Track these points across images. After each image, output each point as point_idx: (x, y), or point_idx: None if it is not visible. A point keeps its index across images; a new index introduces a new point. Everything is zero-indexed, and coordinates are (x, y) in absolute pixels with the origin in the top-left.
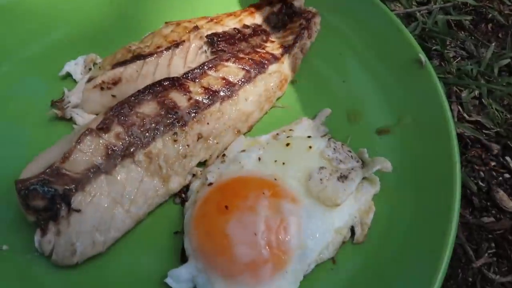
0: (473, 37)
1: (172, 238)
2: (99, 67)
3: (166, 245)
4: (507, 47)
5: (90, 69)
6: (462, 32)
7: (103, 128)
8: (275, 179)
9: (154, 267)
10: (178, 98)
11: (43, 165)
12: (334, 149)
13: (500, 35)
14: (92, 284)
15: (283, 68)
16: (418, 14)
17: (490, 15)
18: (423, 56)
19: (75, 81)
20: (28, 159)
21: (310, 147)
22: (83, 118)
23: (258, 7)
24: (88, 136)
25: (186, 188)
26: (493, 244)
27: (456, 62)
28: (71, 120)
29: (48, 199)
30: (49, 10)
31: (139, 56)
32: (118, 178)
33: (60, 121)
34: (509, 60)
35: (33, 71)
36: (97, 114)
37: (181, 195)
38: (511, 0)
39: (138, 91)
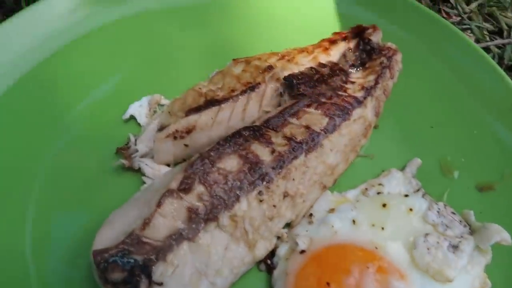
0: None
1: None
2: (168, 112)
3: None
4: None
5: (154, 111)
6: None
7: (185, 188)
8: (376, 248)
9: None
10: (261, 150)
11: (119, 230)
12: (438, 211)
13: None
14: None
15: (366, 112)
16: (491, 46)
17: None
18: None
19: (139, 125)
20: (96, 212)
21: (411, 209)
22: (152, 169)
23: (332, 42)
24: (169, 198)
25: (271, 253)
26: None
27: None
28: (138, 170)
29: (128, 271)
30: (109, 51)
31: (213, 102)
32: (202, 245)
33: (127, 171)
34: None
35: (96, 116)
36: (167, 165)
37: (267, 261)
38: None
39: (218, 143)
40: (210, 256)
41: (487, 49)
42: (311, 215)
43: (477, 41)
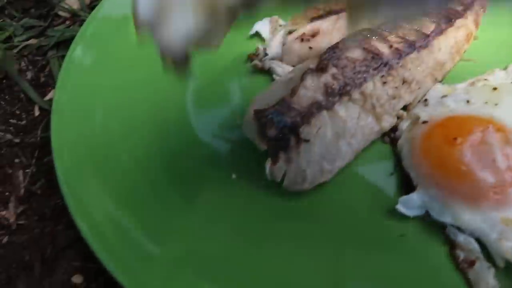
0: None
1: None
2: (293, 22)
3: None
4: None
5: (275, 28)
6: None
7: (322, 68)
8: (492, 117)
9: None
10: (380, 45)
11: (269, 101)
12: None
13: None
14: (315, 211)
15: (467, 23)
16: None
17: None
18: None
19: (262, 40)
20: (233, 106)
21: None
22: (282, 69)
23: None
24: (309, 74)
25: (393, 129)
26: None
27: None
28: (267, 72)
29: (280, 129)
30: None
31: (332, 12)
32: (339, 114)
33: (256, 74)
34: None
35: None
36: (293, 65)
37: (390, 134)
38: None
39: (343, 39)
40: (345, 122)
41: None
42: (426, 100)
43: None
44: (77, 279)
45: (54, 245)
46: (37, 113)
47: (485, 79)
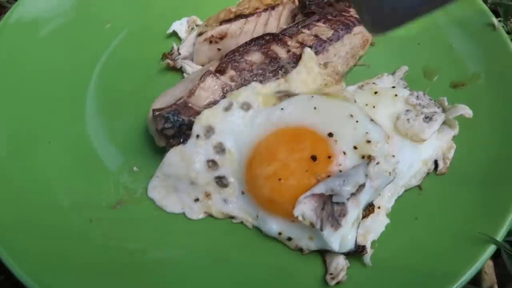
0: None
1: None
2: (205, 24)
3: None
4: None
5: (192, 28)
6: None
7: (220, 70)
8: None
9: None
10: (279, 50)
11: (170, 99)
12: (417, 96)
13: None
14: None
15: (365, 30)
16: None
17: None
18: (495, 20)
19: (180, 39)
20: (146, 100)
21: (396, 95)
22: (192, 68)
23: None
24: (208, 76)
25: None
26: None
27: None
28: (180, 70)
29: (177, 127)
30: None
31: (241, 15)
32: None
33: (170, 72)
34: None
35: (144, 33)
36: (202, 65)
37: None
38: None
39: (245, 42)
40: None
41: None
42: None
43: None
44: None
45: None
46: None
47: (373, 83)
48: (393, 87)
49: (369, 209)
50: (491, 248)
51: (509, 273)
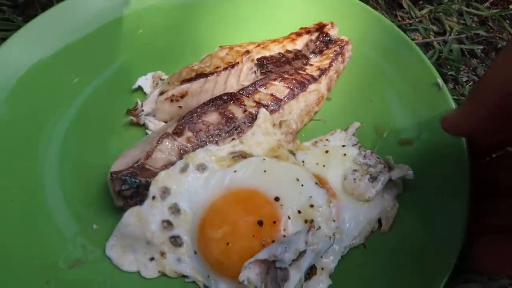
0: (484, 64)
1: None
2: (168, 82)
3: None
4: None
5: (157, 83)
6: (475, 60)
7: (177, 132)
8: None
9: None
10: (235, 110)
11: (129, 161)
12: (364, 156)
13: None
14: None
15: (320, 87)
16: (435, 43)
17: (500, 44)
18: (440, 81)
19: (145, 94)
20: (109, 156)
21: (345, 154)
22: (154, 124)
23: (298, 34)
24: (166, 138)
25: None
26: None
27: (468, 86)
28: (143, 126)
29: (134, 188)
30: (119, 39)
31: (201, 75)
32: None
33: (134, 127)
34: None
35: (111, 87)
36: (165, 122)
37: None
38: None
39: (204, 103)
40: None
41: (430, 44)
42: None
43: (423, 38)
44: None
45: None
46: None
47: (327, 139)
48: (343, 145)
49: (312, 271)
50: None
51: None
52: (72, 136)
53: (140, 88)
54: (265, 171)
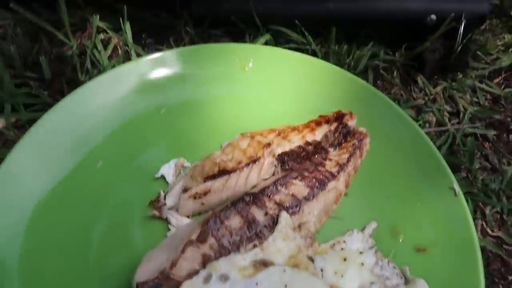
0: (495, 149)
1: None
2: (191, 176)
3: None
4: None
5: (179, 172)
6: (487, 143)
7: (201, 240)
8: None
9: None
10: (257, 213)
11: (153, 267)
12: (382, 266)
13: None
14: None
15: (338, 185)
16: (449, 125)
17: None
18: (457, 187)
19: (167, 183)
20: (133, 252)
21: (362, 264)
22: (176, 220)
23: (317, 123)
24: (190, 246)
25: None
26: None
27: (482, 177)
28: (165, 220)
29: None
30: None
31: (224, 172)
32: None
33: (156, 220)
34: None
35: (133, 176)
36: (187, 216)
37: None
38: None
39: (226, 206)
40: None
41: (446, 131)
42: None
43: (439, 124)
44: None
45: None
46: None
47: (344, 241)
48: (361, 252)
49: None
50: None
51: None
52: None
53: (162, 177)
54: (286, 286)
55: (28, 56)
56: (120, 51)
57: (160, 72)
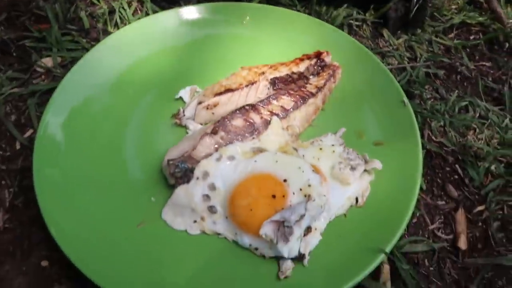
0: (444, 85)
1: None
2: (203, 94)
3: None
4: (467, 93)
5: (193, 95)
6: (438, 81)
7: (214, 132)
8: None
9: None
10: (255, 117)
11: (179, 151)
12: (347, 152)
13: (465, 83)
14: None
15: (317, 101)
16: (408, 68)
17: (459, 69)
18: (405, 99)
19: (184, 102)
20: (161, 149)
21: (333, 151)
22: (193, 126)
23: (301, 59)
24: (206, 136)
25: None
26: (442, 217)
27: (431, 102)
28: (184, 127)
29: (184, 172)
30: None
31: (229, 90)
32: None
33: (178, 127)
34: (467, 102)
35: (161, 96)
36: (201, 124)
37: None
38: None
39: (232, 112)
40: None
41: (404, 69)
42: None
43: (399, 63)
44: (44, 263)
45: (29, 241)
46: (18, 147)
47: (321, 140)
48: (333, 145)
49: (309, 229)
50: (382, 256)
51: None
52: (136, 131)
53: (180, 98)
54: (277, 161)
55: (67, 14)
56: (141, 11)
57: (181, 21)
